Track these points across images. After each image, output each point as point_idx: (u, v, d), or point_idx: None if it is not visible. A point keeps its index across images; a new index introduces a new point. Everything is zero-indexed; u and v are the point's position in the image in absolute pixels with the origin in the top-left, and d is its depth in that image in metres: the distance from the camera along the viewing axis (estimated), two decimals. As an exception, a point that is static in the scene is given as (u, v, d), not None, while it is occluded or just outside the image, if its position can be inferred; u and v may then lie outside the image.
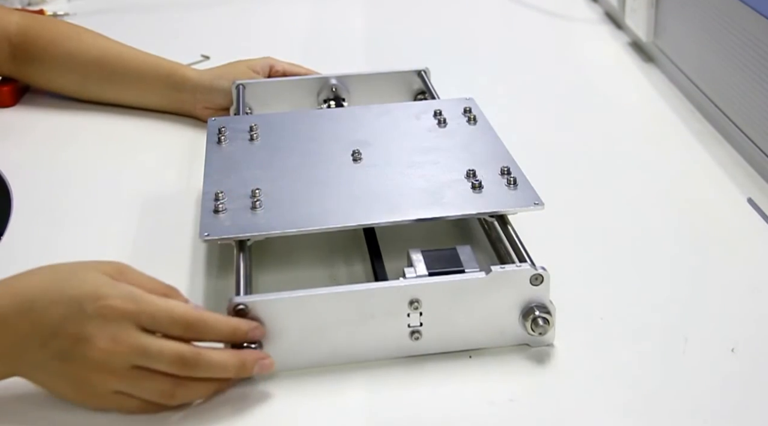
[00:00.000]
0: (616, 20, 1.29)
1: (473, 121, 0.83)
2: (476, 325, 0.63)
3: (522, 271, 0.62)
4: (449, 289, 0.61)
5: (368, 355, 0.62)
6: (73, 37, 1.02)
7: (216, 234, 0.66)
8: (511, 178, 0.72)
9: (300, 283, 0.69)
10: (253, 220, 0.68)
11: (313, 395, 0.60)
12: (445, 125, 0.82)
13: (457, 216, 0.69)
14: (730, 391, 0.60)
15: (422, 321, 0.62)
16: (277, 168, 0.74)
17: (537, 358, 0.63)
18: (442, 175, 0.73)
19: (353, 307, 0.61)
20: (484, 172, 0.73)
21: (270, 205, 0.69)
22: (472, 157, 0.76)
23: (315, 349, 0.62)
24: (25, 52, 1.02)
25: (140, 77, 1.00)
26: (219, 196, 0.70)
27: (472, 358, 0.63)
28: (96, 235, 0.79)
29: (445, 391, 0.60)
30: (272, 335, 0.60)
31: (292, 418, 0.59)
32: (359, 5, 1.40)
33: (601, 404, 0.59)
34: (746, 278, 0.72)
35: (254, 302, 0.60)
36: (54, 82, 1.04)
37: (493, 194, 0.70)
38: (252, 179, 0.72)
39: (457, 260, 0.64)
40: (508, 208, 0.69)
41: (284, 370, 0.61)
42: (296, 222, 0.67)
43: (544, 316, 0.62)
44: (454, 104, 0.85)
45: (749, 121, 0.88)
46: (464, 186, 0.71)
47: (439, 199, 0.70)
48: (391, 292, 0.61)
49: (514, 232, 0.68)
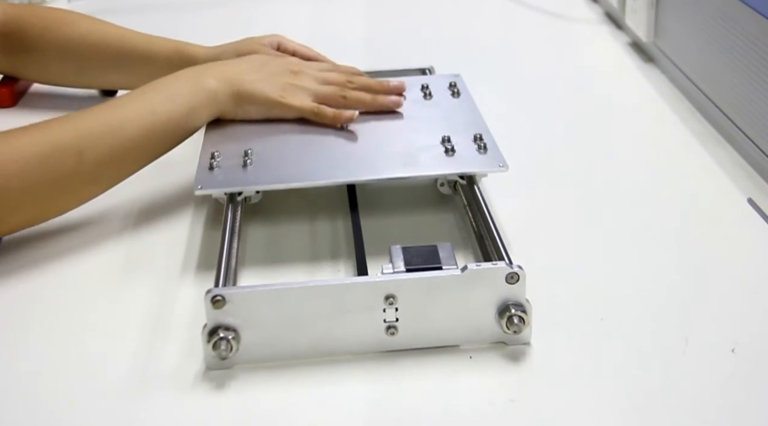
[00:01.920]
0: (616, 20, 1.29)
1: (457, 94, 0.89)
2: (452, 322, 0.63)
3: (497, 269, 0.62)
4: (424, 285, 0.62)
5: (345, 348, 0.63)
6: (69, 23, 0.99)
7: (208, 187, 0.74)
8: (482, 144, 0.78)
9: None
10: (243, 176, 0.75)
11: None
12: (430, 98, 0.89)
13: (427, 175, 0.76)
14: (730, 391, 0.60)
15: (398, 316, 0.62)
16: (271, 132, 0.82)
17: (537, 358, 0.63)
18: (420, 141, 0.80)
19: (330, 302, 0.61)
20: (459, 139, 0.79)
21: (260, 164, 0.77)
22: (449, 125, 0.83)
23: (291, 342, 0.62)
24: (16, 42, 0.99)
25: (146, 59, 0.98)
26: (215, 155, 0.78)
27: (472, 359, 0.63)
28: (94, 233, 0.79)
29: (445, 389, 0.60)
30: (250, 327, 0.61)
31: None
32: (359, 5, 1.40)
33: (601, 404, 0.59)
34: (746, 278, 0.72)
35: (231, 294, 0.60)
36: (50, 72, 1.02)
37: (464, 157, 0.77)
38: (246, 141, 0.80)
39: (436, 257, 0.64)
40: (474, 169, 0.76)
41: (260, 362, 0.62)
42: (281, 178, 0.75)
43: (520, 315, 0.62)
44: (442, 79, 0.93)
45: (749, 121, 0.88)
46: (438, 150, 0.78)
47: (413, 161, 0.77)
48: (367, 287, 0.62)
49: (481, 195, 0.74)
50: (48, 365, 0.63)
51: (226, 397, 0.60)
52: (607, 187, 0.86)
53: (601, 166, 0.91)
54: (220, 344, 0.60)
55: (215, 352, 0.60)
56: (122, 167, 0.78)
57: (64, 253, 0.76)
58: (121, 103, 0.80)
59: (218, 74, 0.83)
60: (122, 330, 0.66)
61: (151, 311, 0.68)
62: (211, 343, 0.60)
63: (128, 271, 0.74)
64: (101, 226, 0.79)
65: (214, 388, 0.61)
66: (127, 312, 0.68)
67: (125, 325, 0.67)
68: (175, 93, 0.80)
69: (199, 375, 0.62)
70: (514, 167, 0.76)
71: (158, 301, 0.69)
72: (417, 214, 0.81)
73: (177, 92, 0.80)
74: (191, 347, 0.64)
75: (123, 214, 0.81)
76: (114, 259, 0.75)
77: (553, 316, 0.66)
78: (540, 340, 0.64)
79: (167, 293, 0.70)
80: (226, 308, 0.60)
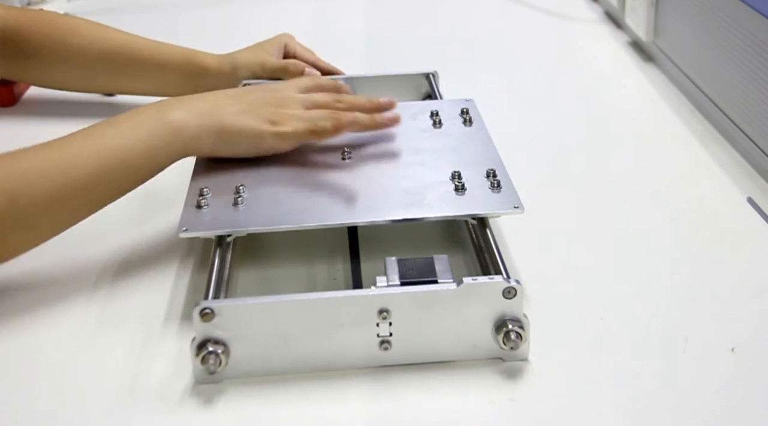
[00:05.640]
0: (616, 20, 1.29)
1: (469, 122, 0.82)
2: (448, 338, 0.61)
3: (494, 283, 0.60)
4: (419, 299, 0.60)
5: (336, 364, 0.61)
6: (73, 31, 0.97)
7: (194, 229, 0.67)
8: (495, 181, 0.71)
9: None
10: (233, 216, 0.68)
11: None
12: (440, 126, 0.81)
13: (434, 218, 0.68)
14: (730, 391, 0.60)
15: (392, 331, 0.61)
16: (265, 165, 0.75)
17: (537, 358, 0.63)
18: (428, 176, 0.73)
19: (321, 315, 0.60)
20: (470, 174, 0.72)
21: (252, 202, 0.69)
22: (460, 158, 0.75)
23: (282, 356, 0.61)
24: (17, 48, 0.96)
25: (155, 68, 0.96)
26: (203, 191, 0.70)
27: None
28: (95, 232, 0.79)
29: (444, 392, 0.60)
30: (239, 340, 0.60)
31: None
32: (359, 5, 1.40)
33: (601, 404, 0.59)
34: (746, 278, 0.72)
35: (221, 307, 0.59)
36: (55, 78, 1.00)
37: (475, 197, 0.70)
38: (239, 176, 0.73)
39: (431, 270, 0.62)
40: (486, 211, 0.68)
41: (251, 377, 0.61)
42: (274, 219, 0.67)
43: (517, 331, 0.60)
44: (453, 105, 0.85)
45: (749, 121, 0.88)
46: (447, 187, 0.71)
47: (420, 200, 0.69)
48: (359, 301, 0.60)
49: (493, 236, 0.67)
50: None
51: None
52: (607, 187, 0.86)
53: (600, 165, 0.91)
54: (209, 358, 0.59)
55: (204, 366, 0.59)
56: (65, 213, 0.68)
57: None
58: (68, 140, 0.70)
59: (190, 108, 0.73)
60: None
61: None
62: (199, 356, 0.59)
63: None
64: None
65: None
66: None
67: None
68: (133, 129, 0.71)
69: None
70: (512, 166, 0.74)
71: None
72: (415, 224, 0.77)
73: (136, 128, 0.71)
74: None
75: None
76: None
77: (553, 316, 0.66)
78: (538, 348, 0.63)
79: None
80: (215, 321, 0.59)
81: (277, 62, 0.96)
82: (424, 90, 0.97)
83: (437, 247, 0.75)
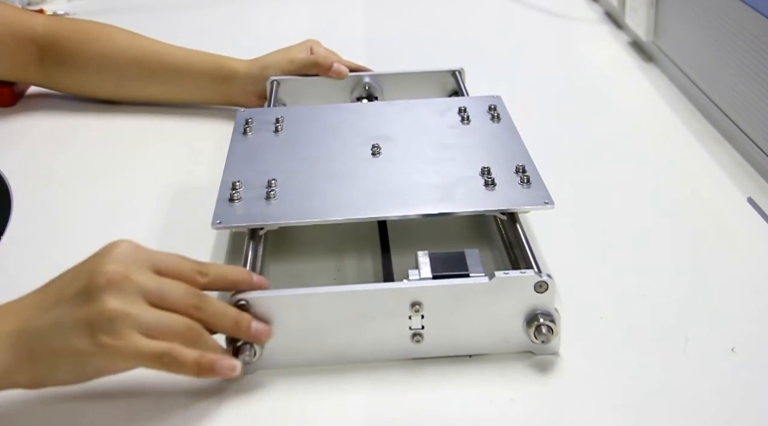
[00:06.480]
0: (616, 20, 1.29)
1: (497, 119, 0.82)
2: (479, 331, 0.62)
3: (526, 277, 0.60)
4: (451, 293, 0.61)
5: (369, 356, 0.62)
6: (106, 37, 1.00)
7: (227, 222, 0.68)
8: (525, 177, 0.71)
9: (310, 275, 0.72)
10: (265, 210, 0.69)
11: (315, 393, 0.60)
12: (468, 122, 0.82)
13: (465, 212, 0.69)
14: (730, 391, 0.60)
15: (424, 324, 0.61)
16: (297, 159, 0.76)
17: (537, 358, 0.63)
18: (457, 172, 0.73)
19: (354, 308, 0.61)
20: (499, 170, 0.73)
21: (284, 196, 0.70)
22: (489, 154, 0.76)
23: (315, 348, 0.62)
24: (54, 55, 0.99)
25: (186, 74, 0.98)
26: (236, 185, 0.71)
27: (472, 358, 0.63)
28: (95, 235, 0.79)
29: (445, 391, 0.60)
30: (273, 332, 0.61)
31: (291, 415, 0.59)
32: (359, 5, 1.40)
33: (601, 404, 0.59)
34: (746, 278, 0.72)
35: (255, 298, 0.60)
36: (88, 85, 1.02)
37: (504, 192, 0.70)
38: (271, 170, 0.74)
39: (463, 264, 0.63)
40: (516, 206, 0.69)
41: (284, 368, 0.62)
42: (306, 213, 0.68)
43: (548, 325, 0.61)
44: (480, 102, 0.86)
45: (749, 121, 0.88)
46: (477, 183, 0.71)
47: (450, 195, 0.70)
48: (392, 294, 0.61)
49: (523, 232, 0.68)
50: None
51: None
52: (607, 186, 0.86)
53: (600, 165, 0.91)
54: (244, 349, 0.60)
55: (238, 358, 0.59)
56: None
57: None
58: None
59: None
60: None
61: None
62: (234, 348, 0.60)
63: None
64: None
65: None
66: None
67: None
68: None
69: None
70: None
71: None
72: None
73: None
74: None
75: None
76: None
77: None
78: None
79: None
80: (249, 313, 0.60)
81: (306, 56, 0.97)
82: (450, 87, 0.97)
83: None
